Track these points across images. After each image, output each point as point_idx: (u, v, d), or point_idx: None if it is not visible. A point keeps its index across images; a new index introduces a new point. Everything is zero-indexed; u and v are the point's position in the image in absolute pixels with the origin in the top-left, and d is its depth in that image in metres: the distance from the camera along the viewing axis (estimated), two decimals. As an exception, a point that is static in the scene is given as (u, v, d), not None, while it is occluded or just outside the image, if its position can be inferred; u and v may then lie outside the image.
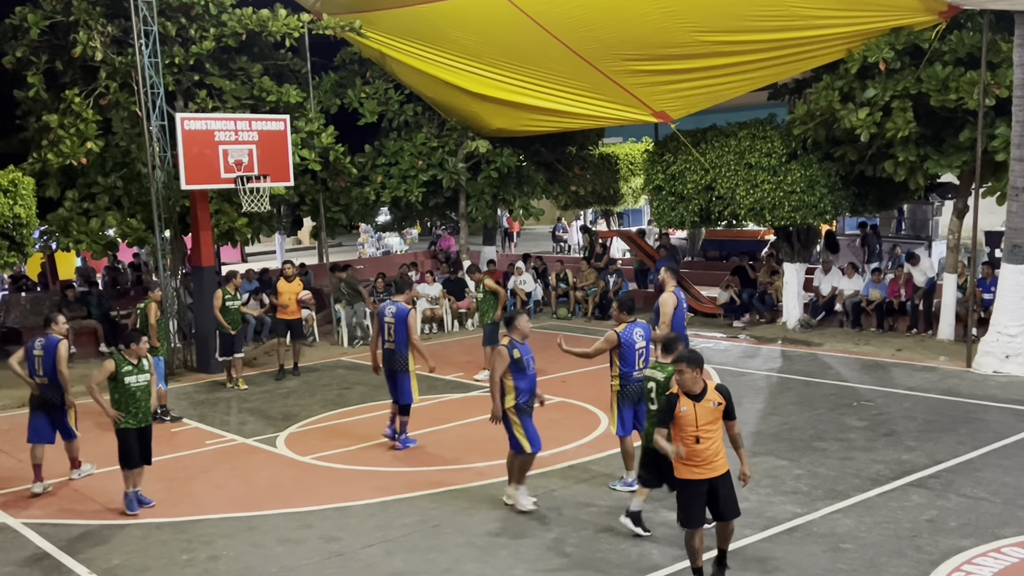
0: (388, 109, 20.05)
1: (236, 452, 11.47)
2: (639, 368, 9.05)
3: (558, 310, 20.99)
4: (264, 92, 17.25)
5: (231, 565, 8.01)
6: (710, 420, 6.80)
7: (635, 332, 9.13)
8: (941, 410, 12.02)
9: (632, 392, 9.12)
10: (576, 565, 7.69)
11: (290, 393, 14.51)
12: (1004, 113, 14.02)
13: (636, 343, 9.09)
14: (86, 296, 19.07)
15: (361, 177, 19.65)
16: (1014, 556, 7.52)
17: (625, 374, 9.11)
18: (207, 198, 16.00)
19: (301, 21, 17.56)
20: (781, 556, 7.68)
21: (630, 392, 9.13)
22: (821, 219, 17.13)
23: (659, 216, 19.29)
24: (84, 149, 15.40)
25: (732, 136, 17.79)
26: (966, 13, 14.62)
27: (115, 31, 16.07)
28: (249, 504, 9.43)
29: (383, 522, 8.81)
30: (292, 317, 15.59)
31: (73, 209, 16.05)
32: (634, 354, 9.07)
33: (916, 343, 16.40)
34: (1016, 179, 13.77)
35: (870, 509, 8.65)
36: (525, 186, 21.30)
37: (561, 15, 16.51)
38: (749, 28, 15.56)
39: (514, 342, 8.88)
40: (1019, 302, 14.17)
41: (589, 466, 10.26)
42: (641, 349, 9.12)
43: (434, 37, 18.21)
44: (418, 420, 12.38)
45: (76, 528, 9.03)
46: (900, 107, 14.75)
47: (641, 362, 9.08)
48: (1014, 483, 9.18)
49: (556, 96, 18.57)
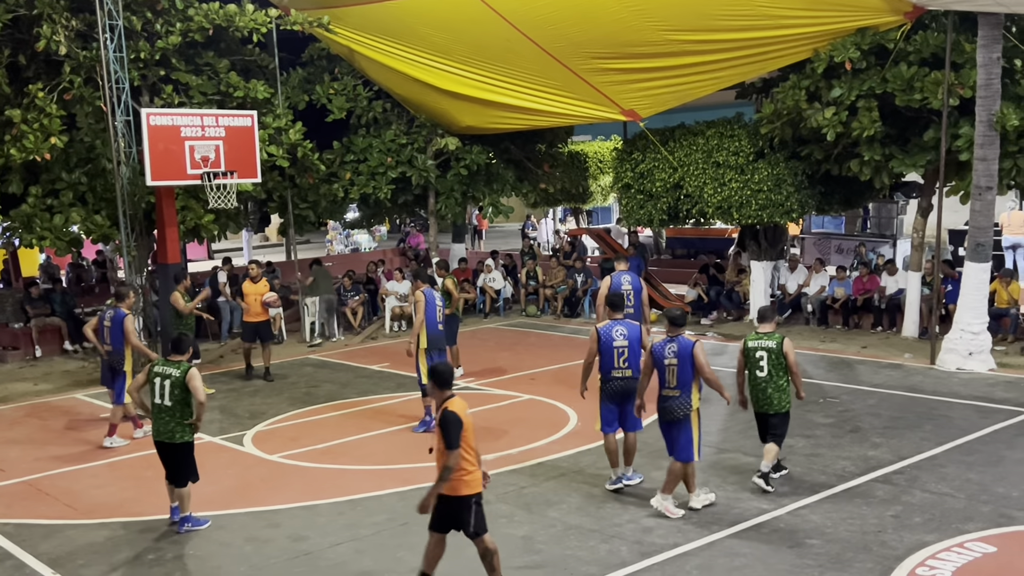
0: (357, 106, 19.95)
1: (203, 451, 11.30)
2: (618, 366, 9.03)
3: (527, 308, 21.00)
4: (231, 88, 17.10)
5: (199, 565, 7.95)
6: None
7: (615, 330, 9.11)
8: (906, 407, 12.16)
9: (612, 389, 9.12)
10: (545, 563, 7.71)
11: (257, 391, 14.41)
12: (968, 113, 14.20)
13: (615, 340, 9.04)
14: (50, 293, 18.84)
15: (329, 174, 19.55)
16: (977, 551, 7.62)
17: (604, 372, 9.11)
18: (173, 194, 15.83)
19: (268, 16, 17.41)
20: (748, 552, 7.74)
21: (609, 390, 9.13)
22: (788, 218, 17.27)
23: (628, 214, 19.37)
24: (48, 144, 15.18)
25: (700, 135, 17.88)
26: (931, 14, 14.78)
27: (79, 25, 15.85)
28: (216, 503, 9.35)
29: (352, 521, 8.78)
30: (259, 319, 15.32)
31: (36, 205, 15.82)
32: (612, 352, 9.03)
33: (881, 340, 16.57)
34: (979, 178, 13.95)
35: (836, 505, 8.73)
36: (494, 183, 21.28)
37: (530, 13, 16.50)
38: (717, 27, 15.64)
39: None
40: (982, 300, 14.38)
41: (558, 463, 10.27)
42: (622, 348, 9.03)
43: (403, 34, 18.15)
44: (387, 417, 12.40)
45: (41, 528, 8.92)
46: (866, 107, 14.90)
47: (622, 361, 9.02)
48: (977, 479, 9.31)
49: (525, 94, 18.57)
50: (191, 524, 8.69)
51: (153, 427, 8.70)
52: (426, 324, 11.54)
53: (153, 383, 8.61)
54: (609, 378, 9.09)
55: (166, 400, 8.52)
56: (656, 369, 8.66)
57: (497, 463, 10.31)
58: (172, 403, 8.50)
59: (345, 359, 16.75)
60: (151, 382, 8.63)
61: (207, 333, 19.14)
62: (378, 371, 15.55)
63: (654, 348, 8.70)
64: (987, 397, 12.52)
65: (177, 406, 8.51)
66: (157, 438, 8.66)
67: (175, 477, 8.70)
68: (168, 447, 8.63)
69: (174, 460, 8.66)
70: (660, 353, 8.62)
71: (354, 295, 19.69)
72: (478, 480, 6.98)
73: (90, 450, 11.37)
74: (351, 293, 19.71)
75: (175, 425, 8.54)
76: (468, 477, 6.88)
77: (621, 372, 9.05)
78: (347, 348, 17.85)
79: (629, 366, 9.06)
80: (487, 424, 11.93)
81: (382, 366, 15.86)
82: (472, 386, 13.99)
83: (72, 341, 18.12)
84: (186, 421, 8.56)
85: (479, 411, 12.54)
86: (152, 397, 8.62)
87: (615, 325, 9.17)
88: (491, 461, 10.35)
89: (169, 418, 8.54)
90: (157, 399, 8.58)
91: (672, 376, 8.54)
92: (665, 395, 8.61)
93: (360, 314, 19.57)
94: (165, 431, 8.57)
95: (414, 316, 11.74)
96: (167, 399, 8.52)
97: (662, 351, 8.61)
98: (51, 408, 13.90)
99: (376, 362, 16.21)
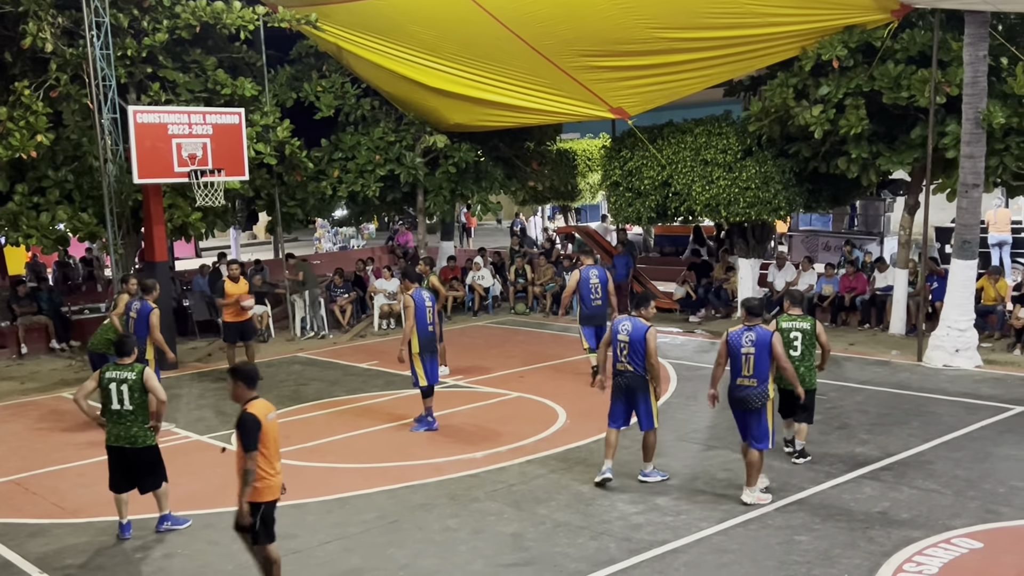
0: (345, 103, 19.90)
1: (190, 449, 11.35)
2: (621, 361, 9.20)
3: (516, 305, 21.00)
4: (218, 85, 17.04)
5: (186, 563, 7.93)
6: None
7: (620, 325, 9.28)
8: (893, 403, 12.21)
9: (617, 385, 9.32)
10: (534, 559, 7.71)
11: (246, 389, 14.34)
12: (954, 111, 14.25)
13: (618, 334, 9.24)
14: (36, 292, 18.74)
15: (317, 171, 19.50)
16: (964, 547, 7.66)
17: (614, 365, 9.33)
18: (160, 192, 15.79)
19: (256, 13, 17.36)
20: (737, 548, 7.76)
21: (615, 385, 9.35)
22: (776, 215, 17.30)
23: (616, 212, 19.38)
24: (34, 142, 15.11)
25: (688, 132, 17.89)
26: (918, 12, 14.82)
27: (66, 22, 15.78)
28: (204, 501, 9.33)
29: (340, 519, 8.77)
30: (242, 319, 14.94)
31: (23, 203, 15.75)
32: (616, 345, 9.24)
33: (868, 337, 16.63)
34: (966, 176, 14.01)
35: (824, 501, 8.76)
36: (483, 181, 21.26)
37: (519, 10, 16.49)
38: (705, 25, 15.65)
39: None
40: (968, 297, 14.44)
41: (547, 461, 10.28)
42: (623, 343, 9.17)
43: (391, 31, 18.11)
44: (375, 415, 12.38)
45: (27, 528, 8.88)
46: (853, 104, 14.93)
47: (623, 356, 9.16)
48: (964, 475, 9.35)
49: (514, 92, 18.55)
50: (170, 523, 8.62)
51: (110, 434, 8.38)
52: (416, 327, 11.55)
53: (108, 390, 8.32)
54: (615, 372, 9.30)
55: (127, 405, 8.29)
56: (731, 358, 8.76)
57: (486, 461, 10.33)
58: (134, 407, 8.29)
59: (333, 357, 16.71)
60: (105, 389, 8.35)
61: (193, 331, 19.06)
62: (367, 369, 15.52)
63: (730, 337, 8.81)
64: (974, 394, 12.58)
65: (139, 409, 8.32)
66: (116, 443, 8.36)
67: (147, 481, 8.52)
68: (132, 452, 8.37)
69: (143, 465, 8.45)
70: (737, 342, 8.71)
71: (344, 293, 19.65)
72: (272, 488, 6.84)
73: (77, 449, 11.32)
74: (341, 291, 19.67)
75: (137, 429, 8.33)
76: (260, 484, 6.72)
77: (624, 367, 9.21)
78: (336, 346, 17.82)
79: (630, 362, 9.17)
80: (476, 422, 11.94)
81: (371, 364, 15.83)
82: (461, 384, 13.98)
83: (59, 340, 18.03)
84: (147, 425, 8.40)
85: (468, 409, 12.55)
86: (109, 404, 8.33)
87: (621, 321, 9.34)
88: (480, 459, 10.39)
89: (131, 423, 8.31)
90: (115, 405, 8.30)
91: (749, 366, 8.62)
92: (740, 384, 8.71)
93: (349, 312, 19.54)
94: (126, 436, 8.33)
95: (404, 321, 11.72)
96: (128, 403, 8.29)
97: (739, 340, 8.71)
98: (38, 407, 13.83)
99: (365, 360, 16.18)
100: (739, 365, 8.68)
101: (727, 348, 8.78)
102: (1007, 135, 14.03)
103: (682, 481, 9.45)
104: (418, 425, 11.67)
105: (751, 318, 8.78)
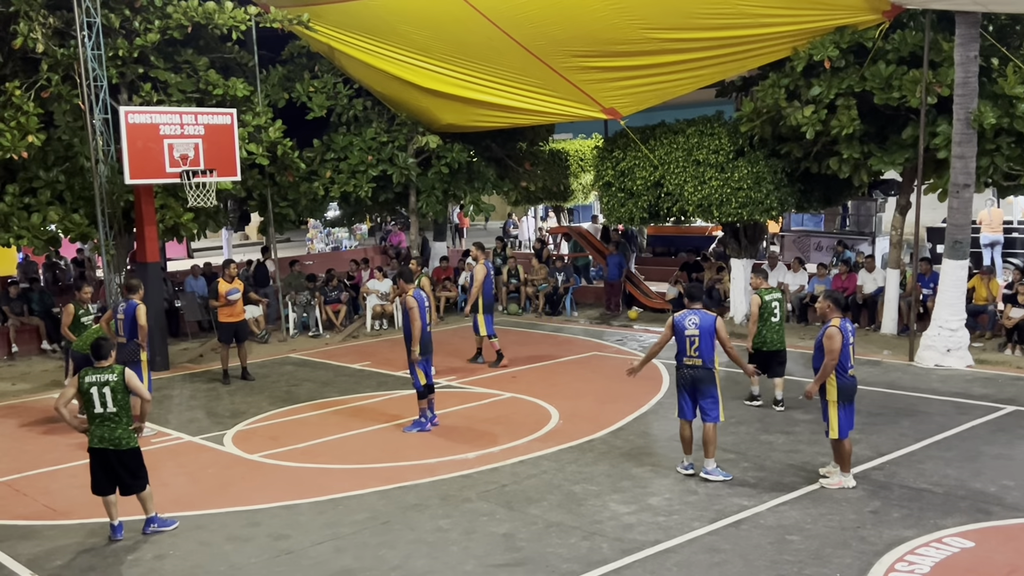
0: (337, 103, 19.89)
1: (183, 450, 11.32)
2: (689, 355, 9.36)
3: (509, 306, 21.00)
4: (210, 85, 17.01)
5: (178, 564, 7.91)
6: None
7: (687, 320, 9.42)
8: (884, 403, 12.24)
9: (682, 377, 9.47)
10: (526, 560, 7.71)
11: (237, 390, 14.35)
12: (945, 111, 14.29)
13: (687, 329, 9.37)
14: (28, 293, 18.69)
15: (310, 172, 19.48)
16: (955, 546, 7.68)
17: (677, 359, 9.52)
18: (152, 193, 15.76)
19: (248, 14, 17.34)
20: (728, 548, 7.77)
21: (680, 378, 9.52)
22: (767, 215, 17.33)
23: (609, 212, 19.38)
24: (25, 143, 15.08)
25: (680, 133, 17.91)
26: (909, 13, 14.87)
27: (57, 22, 15.75)
28: (196, 502, 9.31)
29: (332, 519, 8.76)
30: (237, 319, 14.96)
31: (14, 204, 15.71)
32: (684, 340, 9.38)
33: (860, 337, 16.55)
34: (957, 176, 14.05)
35: (816, 501, 8.78)
36: (476, 182, 21.26)
37: (511, 11, 16.49)
38: (697, 26, 15.67)
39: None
40: (959, 297, 14.48)
41: (540, 461, 10.28)
42: (692, 336, 9.33)
43: (383, 31, 18.10)
44: (368, 416, 12.37)
45: (19, 529, 8.85)
46: (844, 105, 14.97)
47: (693, 350, 9.32)
48: (955, 474, 9.37)
49: (506, 92, 18.56)
50: (157, 524, 8.59)
51: (94, 435, 8.34)
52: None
53: (89, 394, 8.27)
54: (680, 366, 9.48)
55: (110, 407, 8.26)
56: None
57: (478, 461, 10.33)
58: (118, 408, 8.26)
59: (326, 358, 16.70)
60: (86, 394, 8.29)
61: (185, 332, 19.07)
62: (359, 370, 15.51)
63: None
64: (965, 393, 12.62)
65: (123, 411, 8.30)
66: (99, 445, 8.31)
67: (129, 484, 8.48)
68: (115, 455, 8.34)
69: (125, 467, 8.42)
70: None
71: (337, 293, 19.62)
72: None
73: (68, 450, 11.28)
74: (335, 292, 19.63)
75: (122, 431, 8.31)
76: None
77: (691, 361, 9.37)
78: (328, 347, 17.80)
79: (700, 355, 9.33)
80: (468, 422, 11.93)
81: (363, 365, 15.82)
82: (454, 384, 13.98)
83: (50, 341, 17.99)
84: (131, 427, 8.38)
85: (461, 409, 12.54)
86: (91, 408, 8.29)
87: (688, 315, 9.47)
88: (473, 459, 10.39)
89: (115, 425, 8.28)
90: (98, 408, 8.26)
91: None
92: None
93: (342, 313, 19.52)
94: (111, 438, 8.30)
95: (410, 322, 11.45)
96: (111, 406, 8.26)
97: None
98: (29, 408, 13.80)
99: (357, 361, 16.17)
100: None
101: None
102: (998, 135, 14.07)
103: (674, 481, 9.46)
104: (412, 426, 11.65)
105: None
